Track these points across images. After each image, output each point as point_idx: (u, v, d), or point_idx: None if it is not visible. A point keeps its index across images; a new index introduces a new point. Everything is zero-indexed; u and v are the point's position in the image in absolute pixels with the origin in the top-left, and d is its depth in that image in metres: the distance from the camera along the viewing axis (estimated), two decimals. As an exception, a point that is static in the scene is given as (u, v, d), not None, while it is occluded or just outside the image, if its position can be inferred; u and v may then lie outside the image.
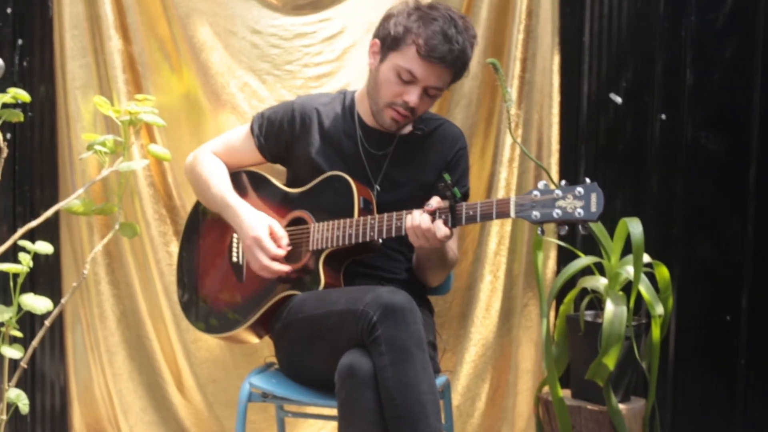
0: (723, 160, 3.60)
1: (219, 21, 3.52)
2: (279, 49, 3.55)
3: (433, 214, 2.66)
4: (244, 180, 3.10)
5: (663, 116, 3.59)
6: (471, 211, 2.63)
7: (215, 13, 3.51)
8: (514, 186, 3.56)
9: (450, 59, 2.82)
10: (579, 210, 2.49)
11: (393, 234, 2.74)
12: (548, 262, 3.54)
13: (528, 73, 3.54)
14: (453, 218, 2.65)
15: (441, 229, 2.64)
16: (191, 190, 3.23)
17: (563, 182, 2.54)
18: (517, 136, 3.52)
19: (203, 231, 3.17)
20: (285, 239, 2.87)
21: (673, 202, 3.62)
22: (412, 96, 2.83)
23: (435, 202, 2.67)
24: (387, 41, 2.87)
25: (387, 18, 2.90)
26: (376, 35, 2.92)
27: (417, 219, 2.66)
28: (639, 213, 3.21)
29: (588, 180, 2.51)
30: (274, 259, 2.84)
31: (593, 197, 2.49)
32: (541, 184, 2.56)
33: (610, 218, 3.20)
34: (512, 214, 2.56)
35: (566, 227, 2.54)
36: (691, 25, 3.58)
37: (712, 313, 3.63)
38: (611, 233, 3.14)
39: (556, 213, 2.51)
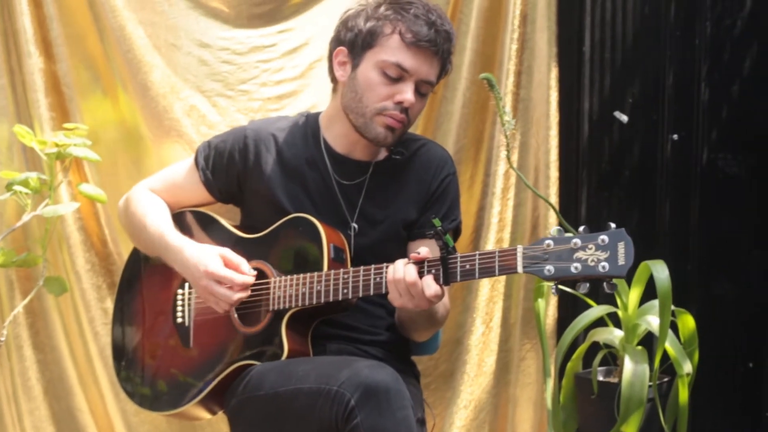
0: (744, 186, 3.37)
1: (159, 33, 3.23)
2: (232, 65, 3.27)
3: (420, 264, 2.31)
4: (189, 221, 2.79)
5: (675, 136, 3.35)
6: (468, 265, 2.26)
7: (154, 24, 3.22)
8: (509, 222, 3.30)
9: (439, 43, 2.54)
10: (603, 263, 2.12)
11: (371, 292, 2.40)
12: (548, 307, 3.27)
13: (523, 89, 3.29)
14: (445, 274, 2.28)
15: (431, 286, 2.28)
16: (129, 235, 2.91)
17: (582, 228, 2.18)
18: (512, 162, 3.23)
19: (143, 283, 2.85)
20: (244, 264, 2.55)
21: (687, 235, 3.37)
22: (406, 93, 2.53)
23: (424, 251, 2.32)
24: (358, 42, 2.58)
25: (347, 20, 2.63)
26: (338, 43, 2.64)
27: (400, 271, 2.31)
28: (648, 248, 3.06)
29: (613, 225, 2.16)
30: (241, 289, 2.52)
31: (621, 247, 2.13)
32: (554, 230, 2.20)
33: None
34: (519, 269, 2.20)
35: (587, 284, 2.17)
36: (706, 31, 3.34)
37: (732, 361, 3.39)
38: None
39: (575, 267, 2.15)
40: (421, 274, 2.29)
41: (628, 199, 3.38)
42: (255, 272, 2.54)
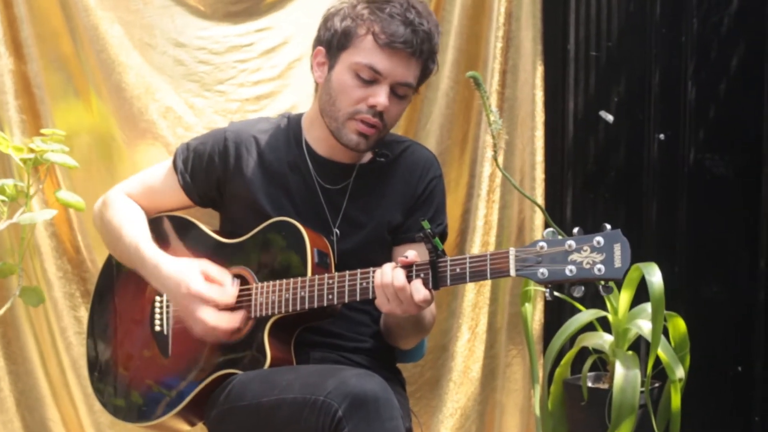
0: (731, 186, 3.39)
1: (134, 32, 3.15)
2: (209, 65, 3.19)
3: (408, 268, 2.25)
4: (167, 227, 2.70)
5: (661, 136, 3.36)
6: (458, 269, 2.20)
7: (129, 23, 3.14)
8: (495, 224, 3.27)
9: (416, 44, 2.45)
10: (599, 266, 2.07)
11: (358, 297, 2.33)
12: (534, 311, 3.22)
13: (508, 88, 3.26)
14: (435, 278, 2.22)
15: (419, 290, 2.22)
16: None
17: (576, 230, 2.13)
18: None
19: (119, 291, 2.76)
20: (227, 278, 2.47)
21: (674, 236, 3.38)
22: (380, 97, 2.45)
23: (412, 254, 2.27)
24: (334, 42, 2.51)
25: (327, 19, 2.56)
26: (318, 42, 2.58)
27: (388, 275, 2.25)
28: (635, 249, 3.00)
29: (609, 226, 2.11)
30: (226, 308, 2.43)
31: (617, 249, 2.08)
32: (547, 233, 2.14)
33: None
34: (512, 272, 2.15)
35: (582, 288, 2.11)
36: (692, 29, 3.35)
37: (720, 364, 3.38)
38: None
39: (570, 270, 2.09)
40: (409, 279, 2.24)
41: (614, 200, 3.35)
42: (238, 280, 2.47)
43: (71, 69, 3.16)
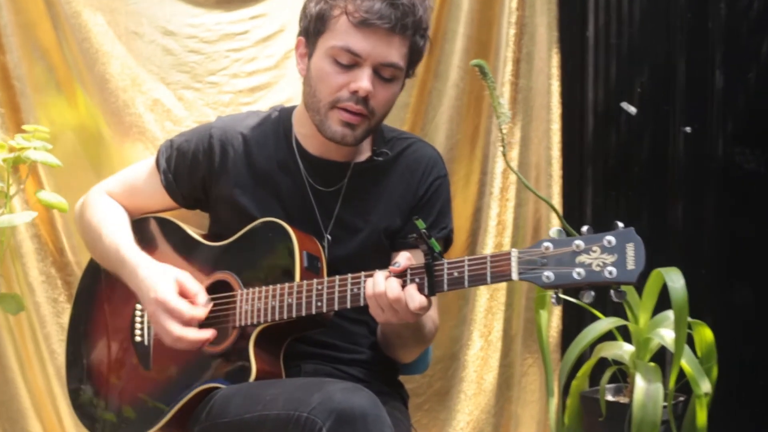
0: (763, 182, 3.29)
1: (119, 19, 3.09)
2: (200, 54, 3.13)
3: (402, 276, 2.13)
4: (150, 230, 2.61)
5: (688, 129, 3.29)
6: (456, 272, 2.08)
7: (114, 10, 3.09)
8: (509, 224, 3.20)
9: (394, 18, 2.31)
10: (610, 268, 1.93)
11: (349, 305, 2.21)
12: (550, 318, 3.16)
13: (522, 78, 3.20)
14: (430, 283, 2.10)
15: (414, 297, 2.10)
16: (87, 242, 2.80)
17: (585, 228, 1.99)
18: (511, 159, 3.19)
19: (100, 297, 2.66)
20: (202, 295, 2.36)
21: (701, 237, 3.33)
22: (361, 81, 2.32)
23: (404, 259, 2.15)
24: (310, 29, 2.41)
25: (304, 7, 2.46)
26: (299, 33, 2.48)
27: (380, 284, 2.13)
28: (659, 252, 2.89)
29: (621, 224, 1.98)
30: (190, 324, 2.32)
31: (630, 249, 1.93)
32: (553, 231, 2.01)
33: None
34: (514, 275, 2.02)
35: (592, 293, 1.98)
36: (720, 14, 3.29)
37: (752, 374, 3.29)
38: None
39: (577, 273, 1.95)
40: (403, 284, 2.12)
41: (636, 198, 3.32)
42: (211, 304, 2.37)
43: (53, 59, 3.12)
